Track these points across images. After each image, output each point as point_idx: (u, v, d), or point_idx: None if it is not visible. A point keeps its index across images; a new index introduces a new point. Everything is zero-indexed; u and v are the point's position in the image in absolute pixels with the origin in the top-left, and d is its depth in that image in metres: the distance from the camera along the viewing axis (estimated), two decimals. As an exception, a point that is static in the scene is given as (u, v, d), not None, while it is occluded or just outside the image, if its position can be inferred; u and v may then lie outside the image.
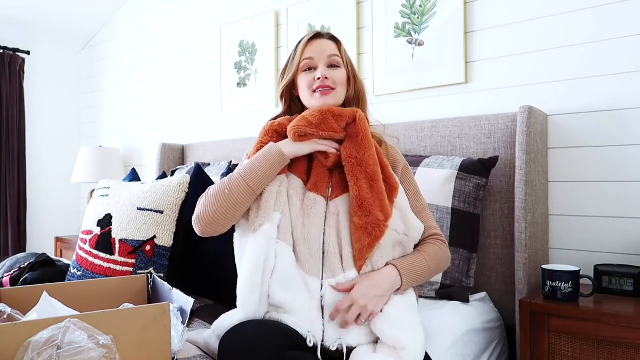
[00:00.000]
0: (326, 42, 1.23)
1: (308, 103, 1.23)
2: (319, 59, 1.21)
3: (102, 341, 0.83)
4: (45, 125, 3.73)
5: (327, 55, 1.21)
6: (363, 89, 1.28)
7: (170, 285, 1.19)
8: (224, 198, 1.11)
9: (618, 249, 1.62)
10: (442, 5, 2.01)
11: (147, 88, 3.36)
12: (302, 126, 1.14)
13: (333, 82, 1.19)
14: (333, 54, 1.21)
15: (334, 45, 1.24)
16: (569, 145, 1.72)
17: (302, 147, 1.16)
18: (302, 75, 1.22)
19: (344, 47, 1.26)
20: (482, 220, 1.75)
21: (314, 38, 1.24)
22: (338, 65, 1.22)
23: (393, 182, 1.15)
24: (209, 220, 1.13)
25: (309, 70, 1.22)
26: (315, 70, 1.21)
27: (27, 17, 3.39)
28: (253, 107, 2.72)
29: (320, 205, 1.14)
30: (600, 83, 1.67)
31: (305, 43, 1.23)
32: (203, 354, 1.11)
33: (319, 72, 1.19)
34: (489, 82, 1.91)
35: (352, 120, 1.17)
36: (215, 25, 2.92)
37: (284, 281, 1.08)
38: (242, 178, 1.12)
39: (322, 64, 1.20)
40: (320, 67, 1.20)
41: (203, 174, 1.86)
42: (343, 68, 1.22)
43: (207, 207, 1.13)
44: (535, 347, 1.41)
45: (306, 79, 1.21)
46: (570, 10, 1.73)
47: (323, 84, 1.18)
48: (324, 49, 1.22)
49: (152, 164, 3.26)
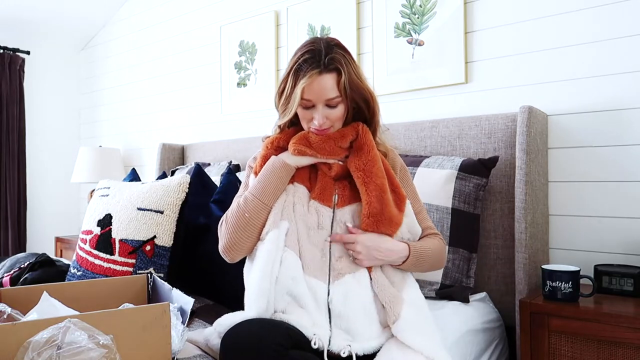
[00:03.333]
0: (326, 79, 1.13)
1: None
2: (317, 101, 1.15)
3: (102, 341, 0.83)
4: (45, 125, 3.73)
5: (325, 98, 1.14)
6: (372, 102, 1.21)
7: (170, 285, 1.19)
8: (246, 222, 1.15)
9: (618, 249, 1.62)
10: (442, 5, 2.01)
11: (147, 88, 3.36)
12: (302, 146, 1.18)
13: (331, 121, 1.17)
14: (332, 97, 1.14)
15: (333, 81, 1.14)
16: (569, 145, 1.72)
17: (302, 159, 1.20)
18: (300, 109, 1.19)
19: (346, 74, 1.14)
20: (482, 220, 1.75)
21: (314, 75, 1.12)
22: (337, 105, 1.17)
23: (401, 192, 1.18)
24: (239, 247, 1.17)
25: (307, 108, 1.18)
26: (314, 107, 1.16)
27: (27, 17, 3.39)
28: (253, 107, 2.72)
29: (325, 214, 1.16)
30: (601, 83, 1.67)
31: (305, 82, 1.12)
32: (203, 354, 1.11)
33: (316, 117, 1.15)
34: (489, 82, 1.91)
35: (356, 136, 1.19)
36: (215, 25, 2.92)
37: (290, 286, 1.09)
38: (258, 199, 1.16)
39: (321, 105, 1.15)
40: (319, 108, 1.15)
41: (203, 174, 1.86)
42: (342, 102, 1.17)
43: (233, 234, 1.16)
44: (535, 347, 1.41)
45: (305, 114, 1.18)
46: (570, 10, 1.73)
47: (321, 128, 1.17)
48: (323, 90, 1.13)
49: (152, 164, 3.26)
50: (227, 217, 1.20)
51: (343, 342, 1.06)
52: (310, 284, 1.10)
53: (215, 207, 1.69)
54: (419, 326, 1.07)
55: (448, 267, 1.61)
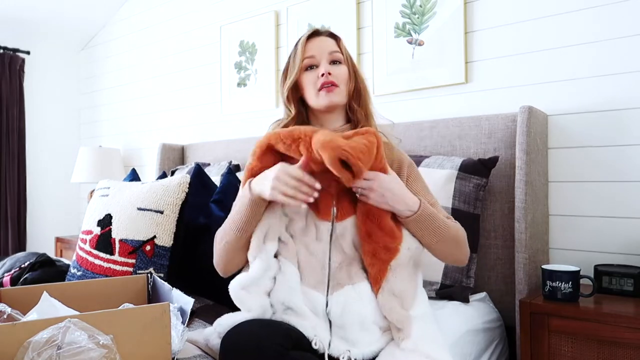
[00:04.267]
0: (326, 39, 1.22)
1: (314, 102, 1.20)
2: (320, 57, 1.19)
3: (102, 341, 0.83)
4: (45, 125, 3.72)
5: (328, 52, 1.20)
6: (364, 84, 1.25)
7: (170, 285, 1.19)
8: (227, 249, 1.16)
9: (618, 249, 1.62)
10: (442, 5, 2.01)
11: (147, 88, 3.36)
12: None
13: (336, 78, 1.18)
14: (334, 50, 1.20)
15: (334, 41, 1.23)
16: (569, 145, 1.72)
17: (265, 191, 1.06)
18: (305, 74, 1.21)
19: (344, 43, 1.25)
20: (482, 220, 1.75)
21: (312, 36, 1.22)
22: (340, 62, 1.21)
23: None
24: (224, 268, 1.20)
25: (311, 68, 1.20)
26: (318, 68, 1.20)
27: (27, 17, 3.39)
28: (253, 107, 2.72)
29: (324, 228, 1.12)
30: (600, 83, 1.67)
31: (304, 41, 1.21)
32: (203, 354, 1.11)
33: (321, 69, 1.18)
34: (489, 82, 1.91)
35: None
36: (215, 25, 2.92)
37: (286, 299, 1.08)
38: (232, 230, 1.13)
39: (324, 60, 1.19)
40: (323, 63, 1.19)
41: (203, 174, 1.86)
42: (344, 64, 1.21)
43: (218, 257, 1.19)
44: (535, 347, 1.40)
45: (309, 77, 1.20)
46: (570, 10, 1.73)
47: (327, 80, 1.16)
48: (324, 45, 1.20)
49: (152, 164, 3.26)
50: (216, 237, 1.19)
51: (343, 347, 1.05)
52: (308, 296, 1.08)
53: (215, 207, 1.69)
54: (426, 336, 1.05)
55: (448, 267, 1.61)
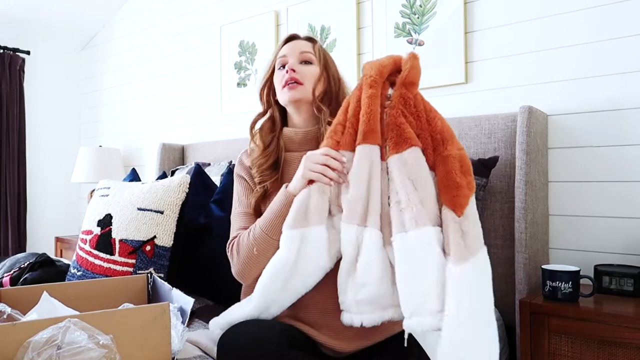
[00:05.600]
0: (301, 41, 1.26)
1: (280, 99, 1.25)
2: (291, 56, 1.22)
3: (102, 341, 0.83)
4: (45, 125, 3.72)
5: (299, 51, 1.22)
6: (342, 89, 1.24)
7: (170, 285, 1.19)
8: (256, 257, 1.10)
9: (618, 249, 1.62)
10: (442, 5, 2.01)
11: (147, 88, 3.36)
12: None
13: (302, 76, 1.19)
14: (305, 51, 1.22)
15: (309, 44, 1.25)
16: (569, 145, 1.72)
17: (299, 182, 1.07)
18: (276, 73, 1.25)
19: (322, 48, 1.27)
20: (482, 220, 1.72)
21: (290, 39, 1.26)
22: (310, 62, 1.22)
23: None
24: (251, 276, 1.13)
25: (283, 68, 1.23)
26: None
27: (27, 17, 3.39)
28: (253, 107, 2.70)
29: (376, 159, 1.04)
30: (601, 83, 1.67)
31: (282, 44, 1.26)
32: (203, 354, 1.11)
33: (287, 66, 1.20)
34: (489, 82, 1.91)
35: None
36: (215, 25, 2.92)
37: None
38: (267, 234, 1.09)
39: (294, 59, 1.21)
40: (291, 61, 1.21)
41: (203, 174, 1.86)
42: (316, 65, 1.22)
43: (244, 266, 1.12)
44: (535, 347, 1.40)
45: (278, 76, 1.23)
46: (570, 10, 1.73)
47: (291, 76, 1.18)
48: (297, 46, 1.24)
49: (152, 164, 3.25)
50: (237, 247, 1.15)
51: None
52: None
53: (215, 207, 1.69)
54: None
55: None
